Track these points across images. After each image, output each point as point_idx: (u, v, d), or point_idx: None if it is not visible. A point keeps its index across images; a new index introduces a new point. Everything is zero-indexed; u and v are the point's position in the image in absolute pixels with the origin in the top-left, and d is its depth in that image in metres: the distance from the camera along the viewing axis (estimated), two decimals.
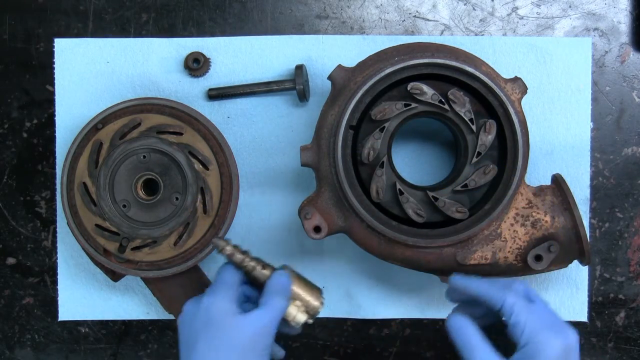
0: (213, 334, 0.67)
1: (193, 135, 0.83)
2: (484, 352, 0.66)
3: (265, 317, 0.68)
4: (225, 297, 0.69)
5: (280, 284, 0.71)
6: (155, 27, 0.91)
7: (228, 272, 0.72)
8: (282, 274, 0.72)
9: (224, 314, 0.67)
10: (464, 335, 0.67)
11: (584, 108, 0.89)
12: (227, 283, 0.71)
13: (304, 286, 0.74)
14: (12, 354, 0.92)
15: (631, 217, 0.90)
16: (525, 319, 0.65)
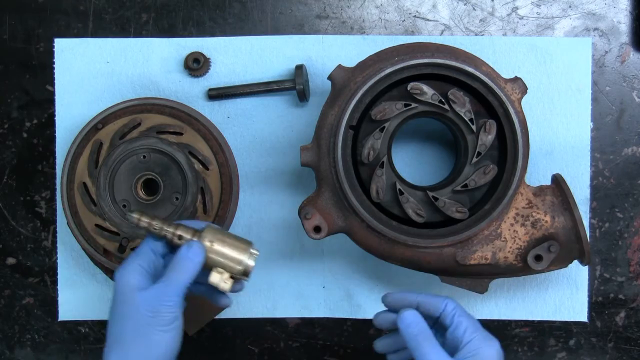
0: (118, 307, 0.67)
1: (193, 135, 0.83)
2: (435, 348, 0.67)
3: (162, 292, 0.66)
4: (132, 270, 0.67)
5: (183, 257, 0.67)
6: (155, 27, 0.91)
7: (143, 244, 0.70)
8: (191, 246, 0.67)
9: (128, 288, 0.66)
10: (416, 331, 0.68)
11: (584, 108, 0.89)
12: (139, 255, 0.68)
13: (227, 250, 0.69)
14: (12, 354, 0.92)
15: (631, 217, 0.90)
16: (466, 320, 0.69)
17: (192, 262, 0.67)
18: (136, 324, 0.66)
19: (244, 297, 0.90)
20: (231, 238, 0.69)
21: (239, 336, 0.91)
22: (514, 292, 0.90)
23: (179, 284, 0.66)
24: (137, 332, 0.66)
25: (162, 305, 0.65)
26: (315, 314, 0.91)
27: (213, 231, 0.69)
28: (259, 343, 0.91)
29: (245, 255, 0.69)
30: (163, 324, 0.65)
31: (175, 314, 0.66)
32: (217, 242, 0.68)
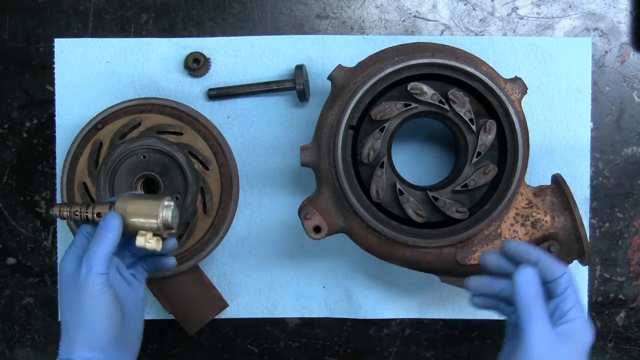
0: (61, 297, 0.69)
1: (193, 135, 0.83)
2: (543, 317, 0.64)
3: (87, 265, 0.66)
4: (67, 259, 0.68)
5: (99, 227, 0.68)
6: (155, 27, 0.91)
7: (77, 232, 0.71)
8: (105, 216, 0.68)
9: (65, 276, 0.68)
10: (533, 293, 0.65)
11: (584, 108, 0.89)
12: (74, 243, 0.70)
13: (141, 209, 0.68)
14: (12, 354, 0.92)
15: (631, 217, 0.90)
16: (575, 297, 0.66)
17: (107, 229, 0.67)
18: (71, 306, 0.67)
19: (244, 297, 0.90)
20: (143, 198, 0.70)
21: (239, 336, 0.91)
22: None
23: (98, 253, 0.66)
24: (72, 313, 0.67)
25: (88, 277, 0.66)
26: (315, 314, 0.91)
27: (125, 198, 0.69)
28: (259, 343, 0.91)
29: (158, 208, 0.68)
30: (90, 297, 0.65)
31: (101, 286, 0.66)
32: (130, 205, 0.69)
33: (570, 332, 0.65)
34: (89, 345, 0.66)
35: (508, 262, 0.67)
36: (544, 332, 0.63)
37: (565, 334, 0.64)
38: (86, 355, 0.66)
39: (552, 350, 0.63)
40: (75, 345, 0.66)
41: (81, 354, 0.66)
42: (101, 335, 0.66)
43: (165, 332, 0.92)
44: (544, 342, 0.63)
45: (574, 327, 0.65)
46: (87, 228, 0.70)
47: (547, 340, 0.63)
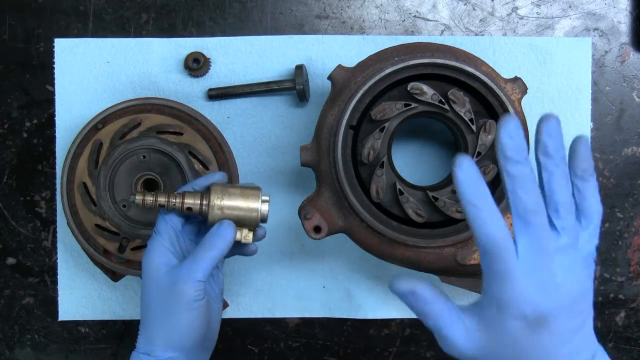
0: (145, 289, 0.67)
1: (193, 135, 0.83)
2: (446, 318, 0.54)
3: (189, 269, 0.65)
4: (155, 250, 0.67)
5: (212, 234, 0.66)
6: (155, 27, 0.91)
7: (160, 221, 0.69)
8: (221, 224, 0.67)
9: (153, 268, 0.66)
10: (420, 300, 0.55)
11: (584, 108, 0.89)
12: (159, 233, 0.68)
13: (239, 203, 0.68)
14: (12, 354, 0.92)
15: (631, 217, 0.90)
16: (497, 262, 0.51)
17: (222, 239, 0.66)
18: (161, 304, 0.65)
19: (244, 297, 0.90)
20: (239, 189, 0.69)
21: (239, 336, 0.91)
22: None
23: (206, 261, 0.65)
24: (161, 311, 0.65)
25: (186, 283, 0.64)
26: (315, 314, 0.91)
27: (220, 188, 0.68)
28: (259, 343, 0.91)
29: (258, 203, 0.69)
30: (186, 302, 0.64)
31: (200, 293, 0.65)
32: (227, 200, 0.68)
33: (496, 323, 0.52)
34: (174, 346, 0.65)
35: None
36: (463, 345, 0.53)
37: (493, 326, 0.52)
38: (168, 354, 0.65)
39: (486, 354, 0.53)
40: (158, 341, 0.65)
41: (163, 352, 0.65)
42: (188, 337, 0.66)
43: None
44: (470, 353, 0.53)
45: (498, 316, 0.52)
46: (172, 218, 0.68)
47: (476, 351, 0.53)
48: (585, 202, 0.55)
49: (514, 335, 0.52)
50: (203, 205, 0.68)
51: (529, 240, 0.51)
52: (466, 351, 0.54)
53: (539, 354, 0.52)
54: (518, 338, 0.52)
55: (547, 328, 0.52)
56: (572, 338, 0.53)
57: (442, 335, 0.54)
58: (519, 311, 0.51)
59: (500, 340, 0.52)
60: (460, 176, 0.50)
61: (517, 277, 0.51)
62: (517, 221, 0.52)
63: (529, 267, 0.51)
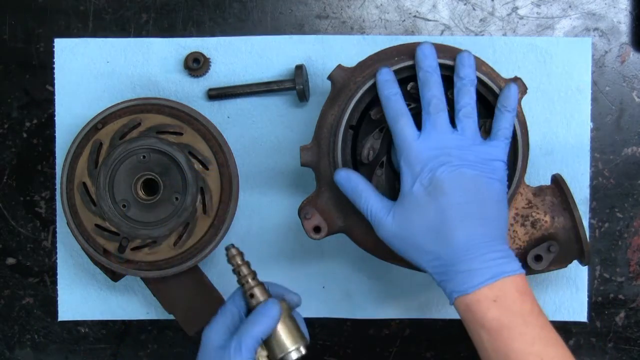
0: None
1: (193, 135, 0.83)
2: (370, 195, 0.68)
3: (236, 345, 0.68)
4: (215, 329, 0.70)
5: (258, 312, 0.70)
6: (155, 27, 0.91)
7: (230, 302, 0.72)
8: (267, 303, 0.70)
9: (209, 345, 0.70)
10: (352, 185, 0.69)
11: (584, 108, 0.89)
12: (224, 313, 0.71)
13: (283, 333, 0.71)
14: (12, 354, 0.92)
15: (631, 217, 0.90)
16: (404, 149, 0.69)
17: (267, 317, 0.69)
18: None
19: None
20: (293, 325, 0.72)
21: None
22: None
23: (254, 336, 0.68)
24: None
25: (236, 358, 0.67)
26: (315, 314, 0.91)
27: (286, 308, 0.72)
28: None
29: (295, 347, 0.71)
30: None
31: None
32: (281, 322, 0.71)
33: (403, 187, 0.67)
34: None
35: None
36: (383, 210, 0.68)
37: (402, 191, 0.67)
38: None
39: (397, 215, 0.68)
40: None
41: None
42: None
43: (165, 332, 0.92)
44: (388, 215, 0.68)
45: (403, 181, 0.67)
46: (239, 299, 0.72)
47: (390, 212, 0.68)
48: (496, 125, 0.69)
49: (420, 200, 0.65)
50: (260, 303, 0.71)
51: (430, 124, 0.67)
52: (392, 228, 0.66)
53: (441, 222, 0.64)
54: (423, 202, 0.65)
55: (444, 195, 0.64)
56: (465, 216, 0.64)
57: (372, 214, 0.67)
58: (419, 177, 0.65)
59: (410, 210, 0.65)
60: (379, 78, 0.70)
61: (416, 144, 0.66)
62: (424, 114, 0.68)
63: (427, 139, 0.66)
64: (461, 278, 0.63)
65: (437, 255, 0.64)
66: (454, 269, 0.64)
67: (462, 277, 0.63)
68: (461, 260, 0.63)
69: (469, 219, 0.64)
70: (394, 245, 0.67)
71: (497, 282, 0.63)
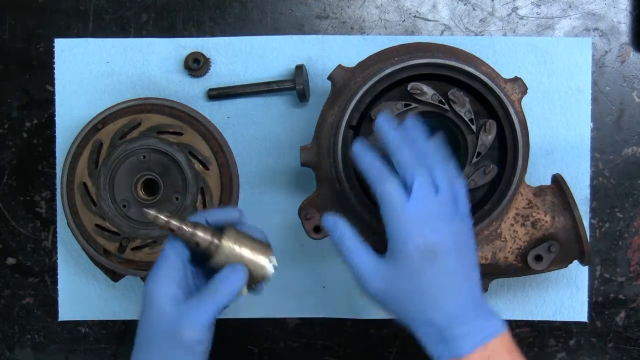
0: (144, 317, 0.64)
1: (193, 135, 0.83)
2: (357, 246, 0.64)
3: (193, 311, 0.62)
4: (160, 280, 0.63)
5: (224, 278, 0.63)
6: (155, 27, 0.91)
7: (168, 249, 0.64)
8: (234, 268, 0.64)
9: (155, 298, 0.63)
10: (339, 233, 0.64)
11: (584, 108, 0.89)
12: (166, 262, 0.63)
13: (249, 256, 0.65)
14: (12, 354, 0.92)
15: (631, 217, 0.90)
16: (392, 214, 0.63)
17: (233, 285, 0.63)
18: (159, 337, 0.62)
19: (244, 298, 0.90)
20: (252, 242, 0.67)
21: (239, 336, 0.91)
22: (514, 292, 0.90)
23: (213, 306, 0.62)
24: (158, 345, 0.62)
25: (191, 326, 0.61)
26: (315, 314, 0.91)
27: (234, 235, 0.66)
28: (259, 343, 0.91)
29: (266, 262, 0.66)
30: (188, 345, 0.61)
31: (203, 338, 0.62)
32: (237, 247, 0.65)
33: (397, 251, 0.62)
34: None
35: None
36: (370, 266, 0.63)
37: (395, 254, 0.62)
38: None
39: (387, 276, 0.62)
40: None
41: None
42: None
43: None
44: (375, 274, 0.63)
45: (397, 245, 0.62)
46: (181, 248, 0.64)
47: (379, 271, 0.63)
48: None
49: (412, 263, 0.61)
50: (212, 244, 0.64)
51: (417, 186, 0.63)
52: (378, 286, 0.63)
53: (434, 286, 0.62)
54: (416, 268, 0.61)
55: (437, 260, 0.61)
56: (457, 281, 0.62)
57: (357, 268, 0.64)
58: (412, 240, 0.61)
59: (401, 272, 0.62)
60: (354, 150, 0.65)
61: (406, 208, 0.62)
62: (408, 176, 0.63)
63: (416, 203, 0.62)
64: (454, 342, 0.61)
65: (428, 320, 0.62)
66: (447, 333, 0.61)
67: (455, 341, 0.61)
68: (453, 325, 0.61)
69: (461, 283, 0.62)
70: (377, 300, 0.64)
71: (489, 343, 0.61)
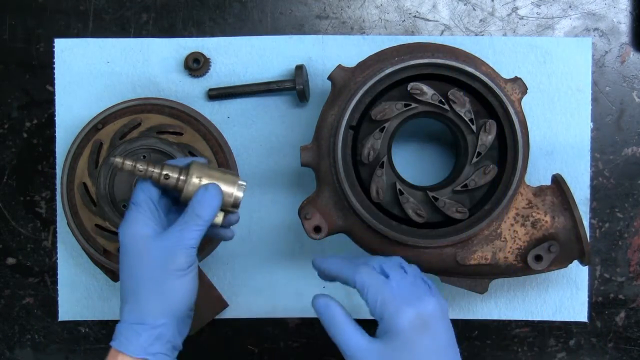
0: (129, 260, 0.66)
1: (193, 135, 0.83)
2: (349, 328, 0.65)
3: (180, 236, 0.65)
4: (136, 220, 0.65)
5: (200, 200, 0.65)
6: (155, 27, 0.91)
7: (138, 191, 0.67)
8: (207, 189, 0.66)
9: (137, 238, 0.65)
10: (330, 314, 0.66)
11: (584, 108, 0.89)
12: (138, 204, 0.66)
13: (218, 182, 0.68)
14: (12, 354, 0.92)
15: (631, 217, 0.90)
16: (377, 294, 0.65)
17: (210, 203, 0.66)
18: (150, 273, 0.64)
19: (244, 297, 0.90)
20: (218, 172, 0.69)
21: (239, 336, 0.91)
22: (514, 292, 0.90)
23: (196, 227, 0.65)
24: (151, 280, 0.64)
25: (179, 250, 0.64)
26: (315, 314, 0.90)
27: (199, 167, 0.68)
28: (259, 343, 0.91)
29: (234, 187, 0.69)
30: (180, 269, 0.64)
31: (192, 259, 0.65)
32: (205, 178, 0.68)
33: (387, 328, 0.63)
34: (166, 313, 0.65)
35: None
36: (364, 346, 0.64)
37: (384, 334, 0.64)
38: (160, 320, 0.65)
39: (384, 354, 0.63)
40: (149, 310, 0.65)
41: (155, 320, 0.65)
42: (181, 304, 0.66)
43: None
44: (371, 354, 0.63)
45: (386, 322, 0.64)
46: (150, 189, 0.67)
47: (374, 350, 0.63)
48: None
49: (407, 339, 0.63)
50: (180, 179, 0.67)
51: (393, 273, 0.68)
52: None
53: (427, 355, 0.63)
54: (411, 341, 0.63)
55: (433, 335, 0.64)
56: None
57: (350, 349, 0.64)
58: (404, 314, 0.63)
59: (396, 349, 0.63)
60: (317, 263, 0.70)
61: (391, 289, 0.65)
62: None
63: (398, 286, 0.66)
64: None
65: None
66: None
67: None
68: None
69: (452, 354, 0.66)
70: None
71: None
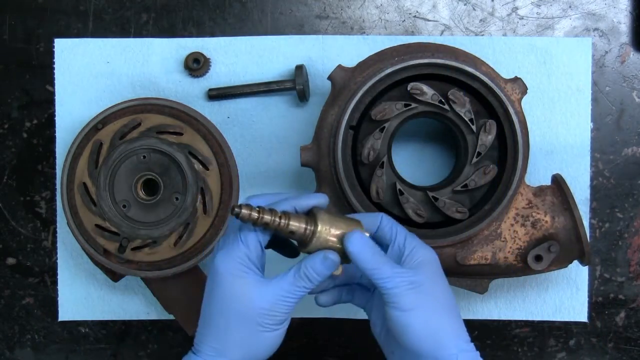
0: (224, 299, 0.63)
1: (193, 135, 0.83)
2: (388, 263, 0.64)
3: (286, 291, 0.62)
4: (242, 263, 0.62)
5: (317, 265, 0.63)
6: (155, 27, 0.91)
7: (251, 235, 0.63)
8: (327, 258, 0.62)
9: (240, 281, 0.62)
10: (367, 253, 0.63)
11: (584, 108, 0.89)
12: (248, 247, 0.63)
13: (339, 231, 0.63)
14: (12, 354, 0.92)
15: (631, 217, 0.90)
16: (402, 230, 0.67)
17: (324, 274, 0.63)
18: (245, 319, 0.62)
19: None
20: (343, 222, 0.64)
21: None
22: (514, 292, 0.90)
23: (305, 289, 0.63)
24: (244, 326, 0.62)
25: (281, 306, 0.62)
26: (315, 314, 0.91)
27: (327, 217, 0.63)
28: None
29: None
30: (275, 323, 0.63)
31: (288, 316, 0.64)
32: (333, 229, 0.63)
33: (419, 261, 0.64)
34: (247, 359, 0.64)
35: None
36: (400, 278, 0.63)
37: (417, 265, 0.64)
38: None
39: (414, 284, 0.63)
40: (232, 354, 0.63)
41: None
42: (264, 355, 0.65)
43: (165, 332, 0.92)
44: (404, 285, 0.62)
45: (418, 253, 0.65)
46: (265, 237, 0.63)
47: (405, 282, 0.63)
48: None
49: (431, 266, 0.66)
50: (307, 230, 0.62)
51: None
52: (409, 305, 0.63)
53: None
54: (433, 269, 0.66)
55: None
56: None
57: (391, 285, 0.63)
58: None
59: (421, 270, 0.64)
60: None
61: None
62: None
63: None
64: None
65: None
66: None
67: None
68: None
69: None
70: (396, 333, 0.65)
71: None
